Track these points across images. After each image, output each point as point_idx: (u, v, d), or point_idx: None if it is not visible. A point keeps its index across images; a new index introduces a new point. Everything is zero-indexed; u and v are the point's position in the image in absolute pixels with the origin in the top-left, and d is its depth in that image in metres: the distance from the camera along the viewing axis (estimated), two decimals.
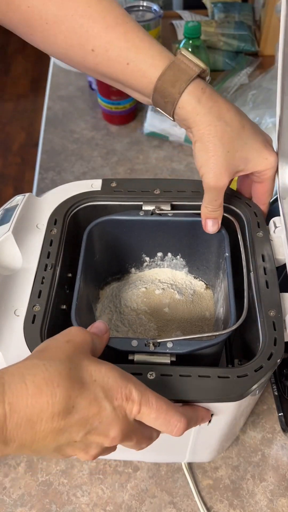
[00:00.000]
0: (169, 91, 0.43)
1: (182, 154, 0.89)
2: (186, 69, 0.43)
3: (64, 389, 0.31)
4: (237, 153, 0.44)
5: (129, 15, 0.45)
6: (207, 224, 0.49)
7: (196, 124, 0.44)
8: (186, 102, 0.43)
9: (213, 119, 0.43)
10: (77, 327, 0.37)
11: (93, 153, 0.91)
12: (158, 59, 0.44)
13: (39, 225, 0.50)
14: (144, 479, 0.53)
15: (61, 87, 1.07)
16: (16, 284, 0.45)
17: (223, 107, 0.44)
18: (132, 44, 0.43)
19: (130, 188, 0.53)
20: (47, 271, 0.46)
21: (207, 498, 0.52)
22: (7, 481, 0.53)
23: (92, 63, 0.45)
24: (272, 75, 0.93)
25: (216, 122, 0.43)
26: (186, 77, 0.43)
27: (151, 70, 0.44)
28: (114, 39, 0.43)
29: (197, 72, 0.43)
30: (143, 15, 0.89)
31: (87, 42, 0.44)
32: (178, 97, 0.43)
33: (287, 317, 0.41)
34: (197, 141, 0.45)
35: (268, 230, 0.48)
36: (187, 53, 0.44)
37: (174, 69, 0.43)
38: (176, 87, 0.43)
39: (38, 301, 0.43)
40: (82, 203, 0.52)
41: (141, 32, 0.44)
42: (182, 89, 0.43)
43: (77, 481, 0.53)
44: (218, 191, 0.46)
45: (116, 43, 0.43)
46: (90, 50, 0.44)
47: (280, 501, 0.51)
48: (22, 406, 0.30)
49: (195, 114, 0.43)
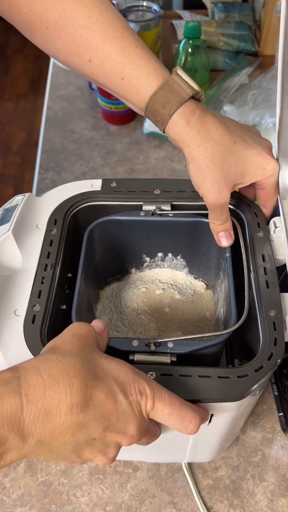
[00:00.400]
0: (159, 111, 0.44)
1: (182, 154, 0.88)
2: (179, 91, 0.43)
3: (80, 379, 0.31)
4: (232, 169, 0.45)
5: (129, 28, 0.45)
6: (220, 239, 0.48)
7: (186, 146, 0.44)
8: (175, 124, 0.44)
9: (202, 141, 0.44)
10: (79, 322, 0.37)
11: (93, 153, 0.91)
12: (153, 77, 0.44)
13: (39, 225, 0.50)
14: (144, 479, 0.53)
15: (61, 87, 1.07)
16: (16, 284, 0.45)
17: (212, 126, 0.44)
18: (128, 60, 0.43)
19: (130, 188, 0.53)
20: (47, 271, 0.46)
21: (207, 498, 0.52)
22: (7, 481, 0.53)
23: (88, 72, 0.46)
24: (272, 75, 0.93)
25: (205, 143, 0.44)
26: (177, 99, 0.43)
27: (144, 88, 0.44)
28: (111, 52, 0.43)
29: (189, 94, 0.43)
30: (143, 15, 0.89)
31: (84, 52, 0.44)
32: (168, 119, 0.43)
33: (287, 317, 0.41)
34: (190, 163, 0.45)
35: (268, 230, 0.48)
36: (182, 73, 0.43)
37: (167, 89, 0.43)
38: (166, 108, 0.43)
39: (38, 301, 0.43)
40: (82, 203, 0.52)
41: (140, 47, 0.44)
42: (173, 111, 0.43)
43: (77, 481, 0.53)
44: (221, 207, 0.46)
45: (113, 57, 0.44)
46: (87, 60, 0.45)
47: (280, 501, 0.51)
48: (40, 396, 0.29)
49: (185, 136, 0.44)
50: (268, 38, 1.05)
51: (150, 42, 0.88)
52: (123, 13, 0.88)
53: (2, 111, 2.47)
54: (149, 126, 0.91)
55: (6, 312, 0.43)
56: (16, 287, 0.45)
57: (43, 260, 0.46)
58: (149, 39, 0.88)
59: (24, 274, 0.46)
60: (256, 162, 0.46)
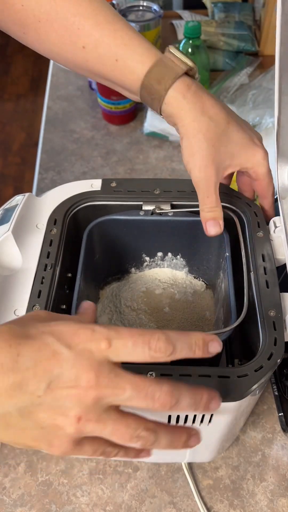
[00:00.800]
0: (155, 88, 0.44)
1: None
2: (173, 67, 0.44)
3: (2, 339, 0.29)
4: (222, 147, 0.45)
5: (119, 15, 0.46)
6: (208, 228, 0.46)
7: (181, 120, 0.45)
8: (171, 98, 0.44)
9: (197, 115, 0.44)
10: None
11: (93, 153, 0.91)
12: (146, 56, 0.44)
13: (39, 225, 0.50)
14: (144, 479, 0.53)
15: (61, 87, 1.07)
16: (16, 284, 0.45)
17: (208, 103, 0.45)
18: (121, 42, 0.44)
19: (130, 188, 0.53)
20: (47, 271, 0.46)
21: (207, 498, 0.52)
22: (7, 481, 0.53)
23: (82, 59, 0.46)
24: (272, 75, 0.93)
25: (200, 117, 0.44)
26: (172, 74, 0.44)
27: (138, 67, 0.45)
28: (104, 36, 0.44)
29: (184, 69, 0.44)
30: (143, 15, 0.89)
31: (78, 39, 0.45)
32: (164, 94, 0.44)
33: (287, 317, 0.41)
34: (183, 138, 0.45)
35: (268, 230, 0.48)
36: (174, 51, 0.44)
37: (161, 66, 0.44)
38: (162, 84, 0.44)
39: (38, 301, 0.43)
40: (82, 203, 0.52)
41: (131, 30, 0.45)
42: (168, 86, 0.44)
43: (77, 481, 0.53)
44: (207, 184, 0.45)
45: (106, 40, 0.44)
46: (81, 47, 0.45)
47: (280, 501, 0.51)
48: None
49: (180, 110, 0.44)
50: (268, 38, 1.05)
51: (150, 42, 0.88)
52: (123, 13, 0.88)
53: (2, 111, 2.47)
54: (149, 126, 0.91)
55: (6, 312, 0.43)
56: (16, 287, 0.45)
57: (43, 260, 0.46)
58: (149, 39, 0.88)
59: (24, 274, 0.46)
60: (247, 146, 0.46)
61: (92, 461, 0.54)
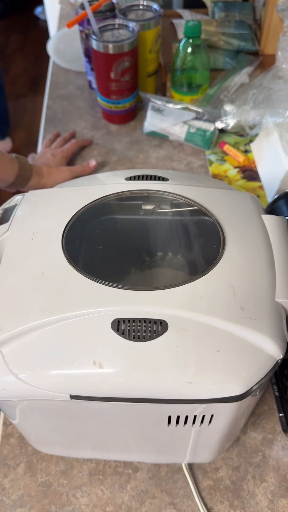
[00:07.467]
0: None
1: (182, 154, 0.89)
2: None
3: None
4: None
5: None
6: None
7: None
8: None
9: None
10: None
11: (93, 152, 0.91)
12: None
13: None
14: (144, 480, 0.53)
15: (61, 86, 1.07)
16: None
17: None
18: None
19: None
20: None
21: (207, 499, 0.51)
22: (7, 482, 0.52)
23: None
24: (272, 74, 0.92)
25: None
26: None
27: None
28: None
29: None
30: (143, 14, 0.89)
31: None
32: None
33: (287, 317, 0.41)
34: None
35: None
36: None
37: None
38: None
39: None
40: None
41: None
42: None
43: (77, 481, 0.53)
44: None
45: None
46: None
47: (281, 502, 0.51)
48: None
49: None
50: (269, 37, 1.05)
51: (150, 41, 0.88)
52: (123, 12, 0.88)
53: None
54: (149, 126, 0.91)
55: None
56: None
57: None
58: (149, 38, 0.87)
59: None
60: None
61: (92, 461, 0.54)
